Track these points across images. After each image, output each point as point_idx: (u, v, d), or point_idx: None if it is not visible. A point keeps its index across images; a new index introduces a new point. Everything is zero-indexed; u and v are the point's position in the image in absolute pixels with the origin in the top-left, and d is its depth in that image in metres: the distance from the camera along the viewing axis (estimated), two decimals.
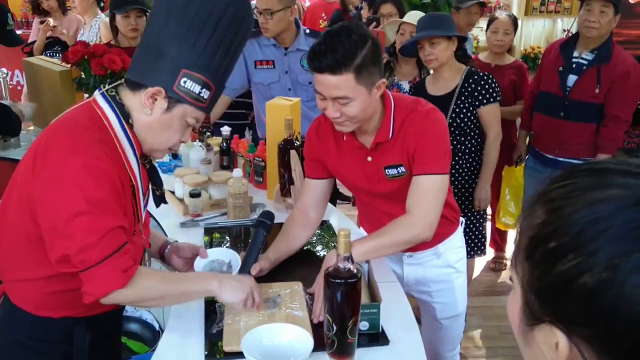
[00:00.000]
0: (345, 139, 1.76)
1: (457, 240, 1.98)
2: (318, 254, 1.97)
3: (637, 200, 0.53)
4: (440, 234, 1.86)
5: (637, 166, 0.56)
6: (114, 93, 1.40)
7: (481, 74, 2.70)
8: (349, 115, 1.59)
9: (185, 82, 1.35)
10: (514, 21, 3.42)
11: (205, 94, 1.38)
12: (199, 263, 1.68)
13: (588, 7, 2.74)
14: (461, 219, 2.02)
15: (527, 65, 3.57)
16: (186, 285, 1.44)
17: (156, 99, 1.36)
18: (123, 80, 1.43)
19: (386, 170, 1.73)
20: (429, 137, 1.65)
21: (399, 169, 1.72)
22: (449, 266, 1.96)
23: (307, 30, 3.00)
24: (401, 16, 3.37)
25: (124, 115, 1.38)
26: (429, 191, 1.65)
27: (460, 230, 2.00)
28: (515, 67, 3.37)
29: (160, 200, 1.61)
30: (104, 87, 1.43)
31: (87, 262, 1.25)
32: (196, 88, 1.36)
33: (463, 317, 2.08)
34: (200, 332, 1.49)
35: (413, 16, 3.03)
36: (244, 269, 1.66)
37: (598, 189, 0.55)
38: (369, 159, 1.75)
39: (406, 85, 3.17)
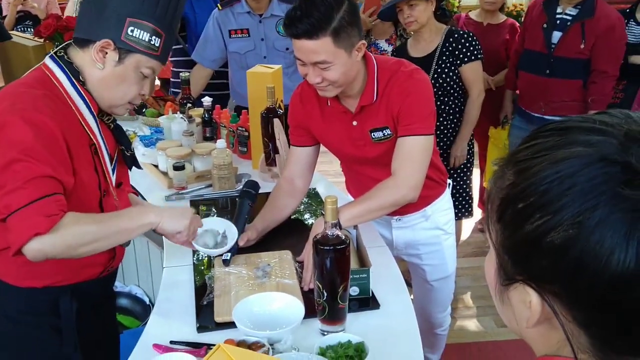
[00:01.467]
0: (329, 104, 1.74)
1: (445, 202, 1.98)
2: (306, 222, 1.96)
3: (600, 156, 0.53)
4: (428, 196, 1.86)
5: (601, 122, 0.56)
6: (62, 53, 1.38)
7: (461, 32, 2.67)
8: (330, 79, 1.56)
9: (132, 30, 1.33)
10: None
11: (156, 41, 1.36)
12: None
13: None
14: (448, 180, 2.02)
15: (519, 25, 3.51)
16: (121, 223, 1.33)
17: (106, 52, 1.34)
18: (72, 40, 1.41)
19: (372, 134, 1.71)
20: (412, 97, 1.63)
21: (384, 131, 1.70)
22: (437, 228, 1.96)
23: None
24: None
25: (74, 73, 1.36)
26: (414, 152, 1.64)
27: (447, 192, 2.00)
28: (508, 26, 3.31)
29: (131, 161, 1.55)
30: (53, 50, 1.42)
31: (10, 206, 1.19)
32: (145, 36, 1.34)
33: (453, 278, 2.10)
34: (190, 305, 1.49)
35: None
36: (237, 236, 1.65)
37: (562, 147, 0.55)
38: (355, 123, 1.73)
39: (384, 44, 3.13)
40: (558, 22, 2.85)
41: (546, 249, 0.53)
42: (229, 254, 1.63)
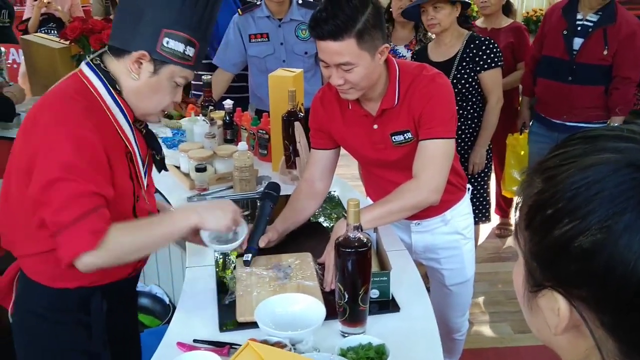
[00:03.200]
0: (350, 107, 1.75)
1: (464, 207, 1.99)
2: (319, 226, 1.96)
3: (627, 162, 0.54)
4: (448, 201, 1.87)
5: (628, 131, 0.58)
6: (98, 61, 1.40)
7: (482, 38, 2.67)
8: (352, 81, 1.58)
9: (167, 42, 1.34)
10: None
11: (190, 51, 1.37)
12: (204, 231, 1.59)
13: None
14: (468, 185, 2.02)
15: (525, 26, 3.50)
16: (163, 229, 1.39)
17: (141, 63, 1.36)
18: (107, 48, 1.43)
19: (392, 137, 1.72)
20: (434, 101, 1.65)
21: (405, 135, 1.71)
22: (456, 233, 1.97)
23: (300, 1, 2.99)
24: None
25: (111, 82, 1.38)
26: (435, 155, 1.65)
27: (467, 197, 2.01)
28: (512, 29, 3.29)
29: (161, 165, 1.59)
30: (89, 57, 1.44)
31: (58, 223, 1.25)
32: (180, 47, 1.35)
33: (471, 283, 2.10)
34: (212, 304, 1.51)
35: None
36: (252, 241, 1.67)
37: (590, 154, 0.56)
38: (375, 126, 1.74)
39: (402, 50, 3.14)
40: (579, 28, 2.84)
41: (574, 253, 0.54)
42: (250, 255, 1.65)
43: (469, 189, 2.03)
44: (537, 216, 0.58)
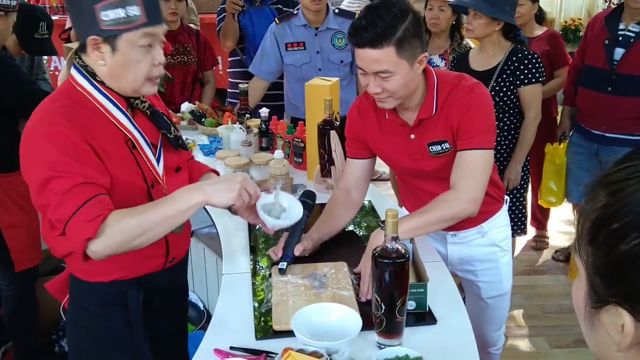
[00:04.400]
0: (387, 117, 1.75)
1: (502, 218, 1.96)
2: (353, 235, 1.96)
3: None
4: (485, 212, 1.84)
5: None
6: (79, 61, 1.41)
7: (526, 52, 2.62)
8: (390, 90, 1.57)
9: (106, 15, 1.30)
10: None
11: (133, 10, 1.31)
12: (260, 201, 1.50)
13: None
14: (506, 197, 1.99)
15: (560, 33, 3.43)
16: (165, 210, 1.30)
17: (99, 47, 1.34)
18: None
19: (430, 147, 1.71)
20: (473, 111, 1.63)
21: (443, 145, 1.70)
22: (494, 245, 1.94)
23: (336, 10, 3.01)
24: None
25: (92, 75, 1.38)
26: (474, 166, 1.64)
27: (504, 208, 1.98)
28: (547, 37, 3.25)
29: (177, 143, 1.53)
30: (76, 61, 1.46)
31: (60, 220, 1.26)
32: (120, 13, 1.30)
33: (509, 296, 2.06)
34: (248, 312, 1.52)
35: None
36: (288, 249, 1.67)
37: None
38: (412, 136, 1.73)
39: (437, 59, 3.13)
40: (620, 38, 2.78)
41: None
42: (285, 263, 1.65)
43: (506, 200, 2.00)
44: (602, 230, 0.57)
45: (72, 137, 1.30)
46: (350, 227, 2.00)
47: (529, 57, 2.60)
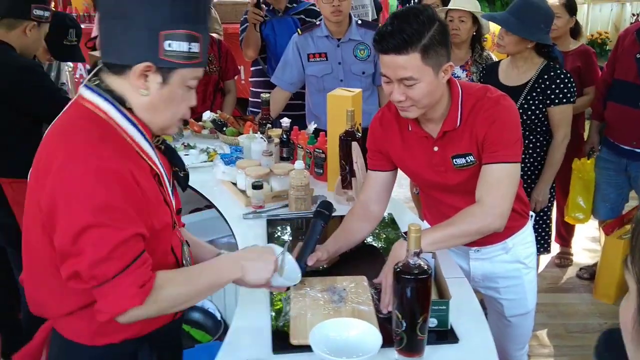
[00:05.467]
0: (410, 129, 1.72)
1: (527, 235, 1.91)
2: (374, 249, 1.92)
3: None
4: (510, 228, 1.79)
5: None
6: (97, 82, 1.23)
7: (558, 71, 2.55)
8: (414, 98, 1.55)
9: (169, 45, 1.17)
10: (567, 4, 3.10)
11: (195, 47, 1.20)
12: None
13: None
14: (531, 213, 1.94)
15: (594, 50, 3.36)
16: (210, 280, 1.30)
17: (147, 76, 1.20)
18: (101, 63, 1.25)
19: (454, 160, 1.68)
20: (499, 124, 1.60)
21: (467, 158, 1.66)
22: (518, 262, 1.89)
23: (359, 21, 3.00)
24: (444, 5, 3.29)
25: (119, 100, 1.21)
26: (500, 180, 1.60)
27: (530, 224, 1.93)
28: (579, 53, 3.18)
29: (185, 183, 1.43)
30: (86, 79, 1.28)
31: (98, 278, 1.12)
32: (183, 46, 1.18)
33: (532, 315, 2.00)
34: (266, 324, 1.49)
35: (458, 2, 2.96)
36: (301, 259, 1.64)
37: None
38: (436, 148, 1.70)
39: (458, 71, 3.09)
40: None
41: None
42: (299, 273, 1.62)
43: (532, 216, 1.95)
44: None
45: (122, 173, 1.15)
46: (369, 239, 1.97)
47: (562, 76, 2.54)
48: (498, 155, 1.60)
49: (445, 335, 1.44)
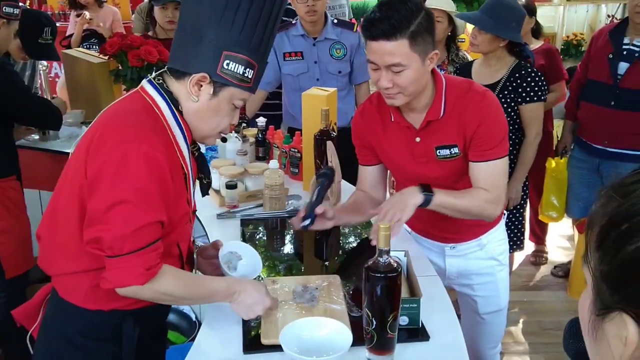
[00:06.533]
0: (392, 119, 1.73)
1: (500, 232, 1.94)
2: (351, 245, 1.94)
3: None
4: (485, 225, 1.84)
5: None
6: (161, 81, 1.38)
7: (529, 70, 2.59)
8: (401, 85, 1.57)
9: (228, 64, 1.31)
10: (525, 6, 3.10)
11: (250, 73, 1.34)
12: (221, 251, 1.63)
13: None
14: (505, 211, 1.96)
15: (557, 48, 3.43)
16: (204, 295, 1.45)
17: (201, 85, 1.33)
18: (166, 68, 1.40)
19: (437, 151, 1.70)
20: (491, 121, 1.65)
21: (451, 149, 1.69)
22: (492, 258, 1.91)
23: (335, 20, 2.99)
24: None
25: (174, 102, 1.36)
26: (500, 173, 1.69)
27: (502, 222, 1.95)
28: (543, 51, 3.23)
29: (206, 189, 1.57)
30: (151, 75, 1.41)
31: (115, 250, 1.24)
32: (240, 69, 1.32)
33: (505, 312, 2.02)
34: (238, 325, 1.48)
35: (435, 1, 2.97)
36: (310, 209, 1.70)
37: None
38: (418, 139, 1.72)
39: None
40: (625, 52, 2.76)
41: None
42: (308, 221, 1.69)
43: (505, 214, 1.97)
44: (611, 233, 0.55)
45: (164, 165, 1.27)
46: (351, 239, 1.97)
47: (532, 74, 2.57)
48: (495, 151, 1.66)
49: (416, 333, 1.45)
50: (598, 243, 0.57)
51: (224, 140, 1.53)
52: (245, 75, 1.33)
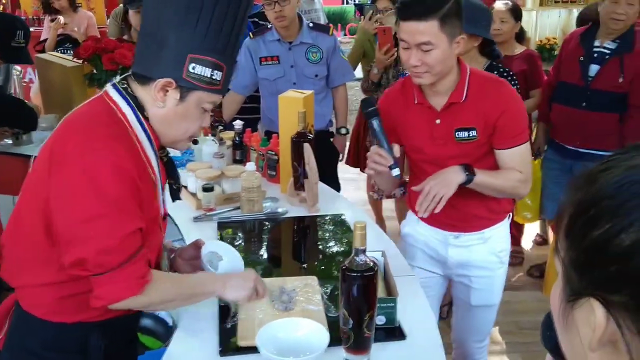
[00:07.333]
0: (416, 101, 1.82)
1: (503, 229, 1.99)
2: (326, 251, 1.94)
3: None
4: (489, 219, 1.93)
5: None
6: (125, 85, 1.33)
7: (502, 69, 2.62)
8: (429, 63, 1.67)
9: (194, 67, 1.27)
10: (513, 9, 3.24)
11: (218, 75, 1.30)
12: (203, 250, 1.62)
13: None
14: (510, 214, 2.02)
15: (539, 54, 3.48)
16: (194, 288, 1.41)
17: (167, 91, 1.29)
18: (131, 72, 1.37)
19: (456, 133, 1.78)
20: (515, 108, 1.78)
21: (470, 132, 1.77)
22: (493, 254, 1.97)
23: (311, 24, 3.00)
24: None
25: (139, 107, 1.31)
26: (529, 154, 1.87)
27: (507, 220, 2.01)
28: (525, 57, 3.28)
29: (176, 195, 1.54)
30: (116, 79, 1.37)
31: (104, 266, 1.20)
32: (207, 72, 1.28)
33: (495, 310, 2.07)
34: (214, 327, 1.47)
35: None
36: (392, 156, 1.71)
37: (638, 158, 0.55)
38: (438, 121, 1.80)
39: None
40: (595, 55, 2.82)
41: (613, 253, 0.52)
42: (398, 169, 1.72)
43: (509, 215, 2.03)
44: (578, 220, 0.56)
45: (132, 173, 1.23)
46: (332, 244, 1.98)
47: (504, 74, 2.60)
48: (520, 137, 1.79)
49: (393, 332, 1.45)
50: (566, 232, 0.58)
51: (195, 142, 1.49)
52: (213, 77, 1.30)
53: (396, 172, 1.72)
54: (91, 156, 1.20)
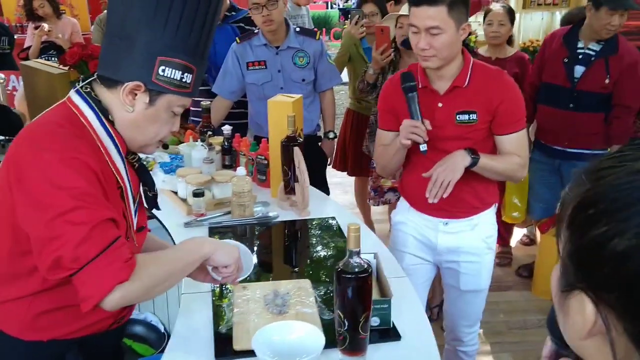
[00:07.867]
0: (420, 85, 1.89)
1: (491, 215, 2.07)
2: (318, 254, 1.95)
3: None
4: (477, 207, 2.00)
5: None
6: (88, 89, 1.27)
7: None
8: (437, 47, 1.78)
9: (163, 70, 1.22)
10: (509, 12, 3.35)
11: (188, 78, 1.26)
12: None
13: (611, 12, 2.70)
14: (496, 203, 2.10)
15: (529, 57, 3.53)
16: (184, 257, 1.30)
17: (136, 94, 1.24)
18: (96, 75, 1.30)
19: (457, 116, 1.88)
20: (514, 96, 1.89)
21: (471, 115, 1.87)
22: (481, 240, 2.03)
23: (297, 29, 3.01)
24: (383, 14, 3.36)
25: (103, 111, 1.26)
26: (526, 140, 1.97)
27: (494, 208, 2.09)
28: (516, 59, 3.32)
29: (153, 203, 1.44)
30: (79, 84, 1.31)
31: (81, 259, 1.11)
32: (177, 74, 1.24)
33: (484, 295, 2.13)
34: (209, 332, 1.47)
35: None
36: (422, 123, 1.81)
37: None
38: (440, 104, 1.90)
39: None
40: (580, 56, 2.86)
41: (607, 256, 0.53)
42: (425, 145, 1.82)
43: (495, 205, 2.10)
44: (579, 215, 0.57)
45: (94, 167, 1.17)
46: (319, 248, 1.98)
47: None
48: (519, 124, 1.91)
49: (388, 333, 1.46)
50: (569, 222, 0.59)
51: (165, 146, 1.44)
52: (183, 80, 1.25)
53: (424, 147, 1.83)
54: (42, 155, 1.15)
